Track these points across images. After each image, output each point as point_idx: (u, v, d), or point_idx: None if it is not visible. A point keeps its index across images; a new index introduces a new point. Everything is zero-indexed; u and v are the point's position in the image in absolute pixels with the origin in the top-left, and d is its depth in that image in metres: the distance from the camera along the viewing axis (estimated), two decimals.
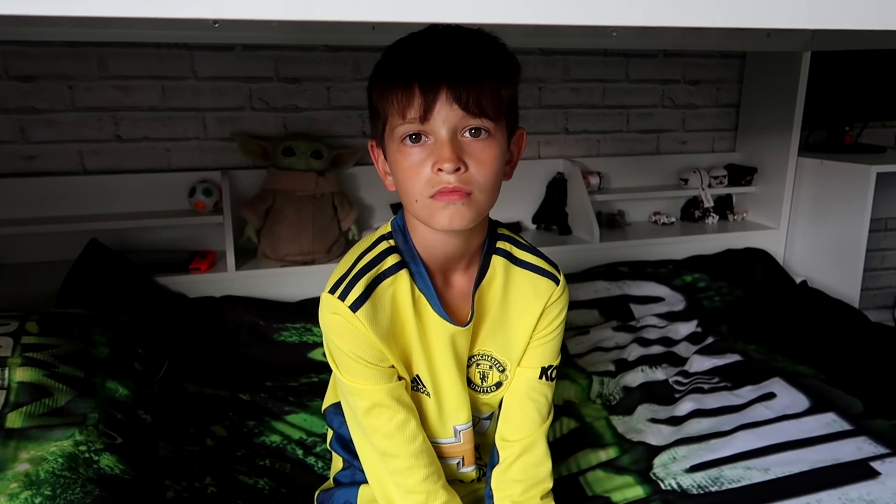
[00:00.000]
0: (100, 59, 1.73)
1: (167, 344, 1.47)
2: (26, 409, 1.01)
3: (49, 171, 1.76)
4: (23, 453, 0.93)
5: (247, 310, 1.67)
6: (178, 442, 1.21)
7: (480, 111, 0.75)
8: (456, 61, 0.74)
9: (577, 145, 2.24)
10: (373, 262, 0.85)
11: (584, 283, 1.91)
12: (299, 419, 1.34)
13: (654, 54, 2.24)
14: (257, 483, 1.14)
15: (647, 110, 2.30)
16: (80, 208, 1.76)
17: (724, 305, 1.92)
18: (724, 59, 2.32)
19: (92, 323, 1.32)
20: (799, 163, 2.17)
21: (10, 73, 1.68)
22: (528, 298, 0.92)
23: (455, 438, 0.96)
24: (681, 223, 2.33)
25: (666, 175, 2.34)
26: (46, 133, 1.75)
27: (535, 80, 2.13)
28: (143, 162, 1.83)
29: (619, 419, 1.35)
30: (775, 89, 2.19)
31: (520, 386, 0.95)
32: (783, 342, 1.65)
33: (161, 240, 1.83)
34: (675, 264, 2.07)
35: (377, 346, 0.84)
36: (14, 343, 1.15)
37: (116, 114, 1.78)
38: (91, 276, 1.60)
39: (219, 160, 1.89)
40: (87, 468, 0.95)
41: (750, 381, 1.42)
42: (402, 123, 0.76)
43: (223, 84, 1.84)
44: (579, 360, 1.61)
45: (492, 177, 0.78)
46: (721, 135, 2.42)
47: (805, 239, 2.19)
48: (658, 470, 1.16)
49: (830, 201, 2.09)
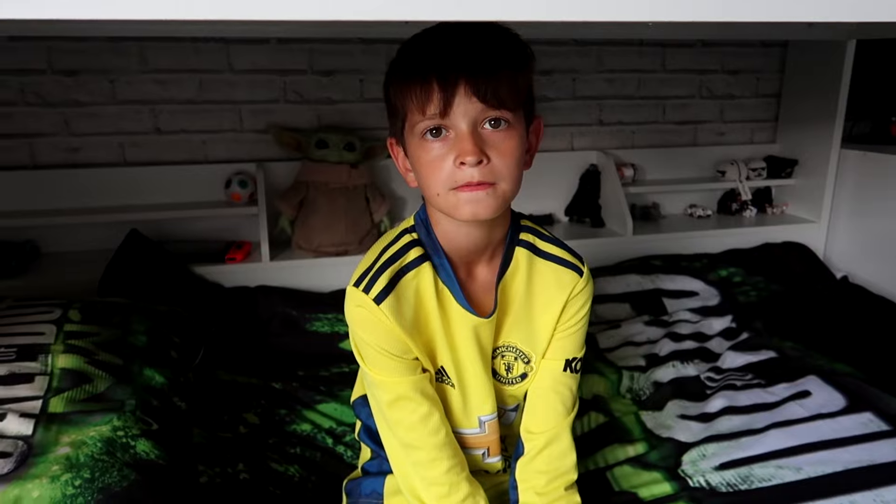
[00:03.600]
0: (140, 53, 1.77)
1: (203, 333, 1.50)
2: (68, 394, 1.05)
3: (91, 162, 1.82)
4: (64, 437, 0.97)
5: (280, 300, 1.70)
6: (212, 429, 1.24)
7: (499, 102, 0.75)
8: (472, 54, 0.75)
9: (611, 137, 2.22)
10: (396, 256, 0.86)
11: (616, 277, 1.90)
12: (329, 408, 1.36)
13: (692, 44, 2.20)
14: (288, 470, 1.17)
15: (684, 101, 2.26)
16: (121, 199, 1.81)
17: (760, 301, 1.88)
18: (765, 48, 2.27)
19: (131, 312, 1.36)
20: (841, 155, 2.11)
21: (55, 68, 1.74)
22: (551, 290, 0.92)
23: (480, 429, 0.97)
24: (717, 216, 2.29)
25: (702, 167, 2.30)
26: (89, 125, 1.80)
27: (569, 71, 2.11)
28: (180, 154, 1.88)
29: (648, 414, 1.34)
30: (818, 79, 2.13)
31: (544, 378, 0.95)
32: (820, 339, 1.61)
33: (198, 230, 1.87)
34: (711, 258, 2.04)
35: (401, 339, 0.84)
36: (57, 330, 1.19)
37: (155, 107, 1.83)
38: (131, 265, 1.65)
39: (254, 152, 1.92)
40: (124, 453, 0.98)
41: (784, 379, 1.39)
42: (422, 119, 0.77)
43: (258, 77, 1.87)
44: (609, 355, 1.60)
45: (514, 166, 0.78)
46: (761, 126, 2.37)
47: (846, 233, 2.13)
48: (686, 467, 1.15)
49: (874, 195, 2.03)
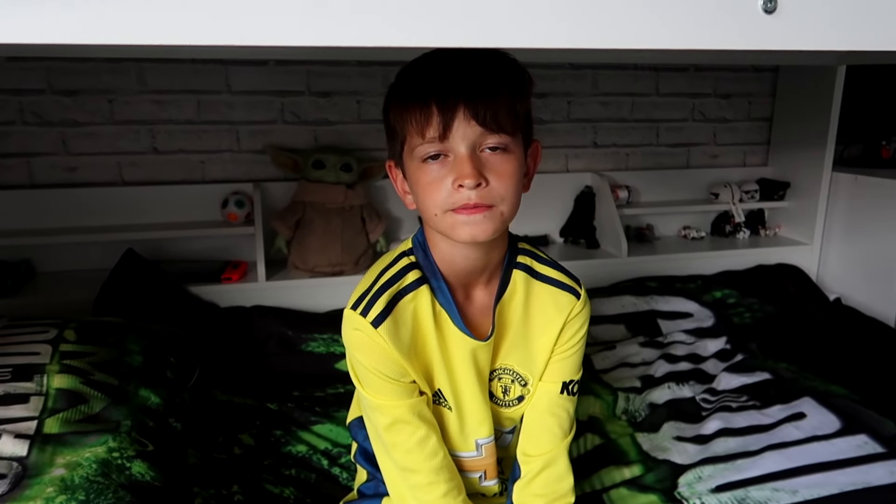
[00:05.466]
0: (138, 73, 1.79)
1: (198, 353, 1.50)
2: (63, 415, 1.05)
3: (89, 182, 1.82)
4: (59, 458, 0.96)
5: (276, 320, 1.70)
6: (207, 450, 1.23)
7: (498, 126, 0.76)
8: (471, 78, 0.76)
9: (605, 159, 2.24)
10: (394, 279, 0.87)
11: (611, 298, 1.90)
12: (325, 429, 1.35)
13: (685, 68, 2.23)
14: (283, 492, 1.16)
15: (678, 124, 2.28)
16: (118, 218, 1.81)
17: (755, 322, 1.89)
18: (757, 73, 2.30)
19: (126, 331, 1.36)
20: (833, 178, 2.13)
21: (54, 88, 1.75)
22: (549, 313, 0.92)
23: (477, 452, 0.97)
24: (711, 238, 2.30)
25: (696, 189, 2.32)
26: (87, 145, 1.80)
27: (564, 94, 2.13)
28: (178, 174, 1.88)
29: (644, 436, 1.34)
30: (809, 103, 2.16)
31: (541, 400, 0.96)
32: (815, 360, 1.62)
33: (194, 250, 1.87)
34: (705, 280, 2.05)
35: (398, 362, 0.85)
36: (53, 350, 1.19)
37: (153, 127, 1.84)
38: (126, 285, 1.64)
39: (251, 172, 1.93)
40: (120, 474, 0.97)
41: (779, 401, 1.40)
42: (421, 143, 0.77)
43: (256, 98, 1.89)
44: (605, 376, 1.60)
45: (512, 189, 0.79)
46: (753, 149, 2.39)
47: (839, 256, 2.15)
48: (683, 489, 1.15)
49: (866, 217, 2.05)
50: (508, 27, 0.59)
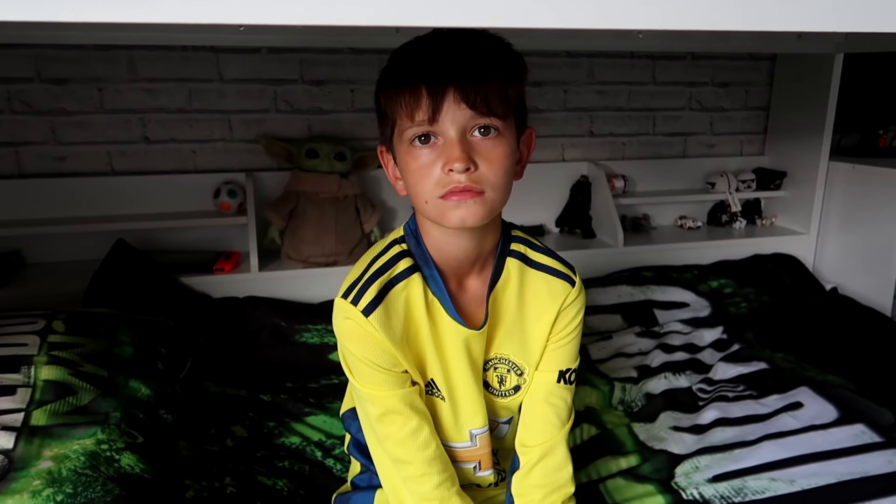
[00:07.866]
0: (128, 61, 1.76)
1: (190, 344, 1.48)
2: (51, 406, 1.03)
3: (78, 171, 1.80)
4: (46, 451, 0.95)
5: (269, 311, 1.68)
6: (199, 442, 1.22)
7: (488, 110, 0.75)
8: (462, 62, 0.74)
9: (602, 148, 2.22)
10: (385, 267, 0.85)
11: (607, 288, 1.89)
12: (319, 421, 1.34)
13: (682, 56, 2.21)
14: (276, 484, 1.15)
15: (675, 113, 2.27)
16: (108, 208, 1.79)
17: (751, 312, 1.88)
18: (754, 61, 2.28)
19: (117, 322, 1.34)
20: (830, 167, 2.12)
21: (43, 76, 1.72)
22: (543, 301, 0.91)
23: (471, 443, 0.95)
24: (707, 228, 2.29)
25: (692, 179, 2.31)
26: (76, 134, 1.78)
27: (560, 83, 2.11)
28: (169, 163, 1.86)
29: (640, 426, 1.33)
30: (806, 92, 2.14)
31: (538, 390, 0.94)
32: (811, 350, 1.62)
33: (186, 240, 1.85)
34: (701, 269, 2.04)
35: (390, 351, 0.83)
36: (41, 341, 1.17)
37: (144, 116, 1.81)
38: (117, 275, 1.63)
39: (244, 162, 1.91)
40: (108, 467, 0.96)
41: (776, 390, 1.39)
42: (410, 126, 0.76)
43: (248, 86, 1.86)
44: (601, 366, 1.60)
45: (502, 174, 0.78)
46: (750, 138, 2.38)
47: (835, 245, 2.14)
48: (680, 479, 1.14)
49: (862, 207, 2.04)
50: (498, 6, 0.57)
